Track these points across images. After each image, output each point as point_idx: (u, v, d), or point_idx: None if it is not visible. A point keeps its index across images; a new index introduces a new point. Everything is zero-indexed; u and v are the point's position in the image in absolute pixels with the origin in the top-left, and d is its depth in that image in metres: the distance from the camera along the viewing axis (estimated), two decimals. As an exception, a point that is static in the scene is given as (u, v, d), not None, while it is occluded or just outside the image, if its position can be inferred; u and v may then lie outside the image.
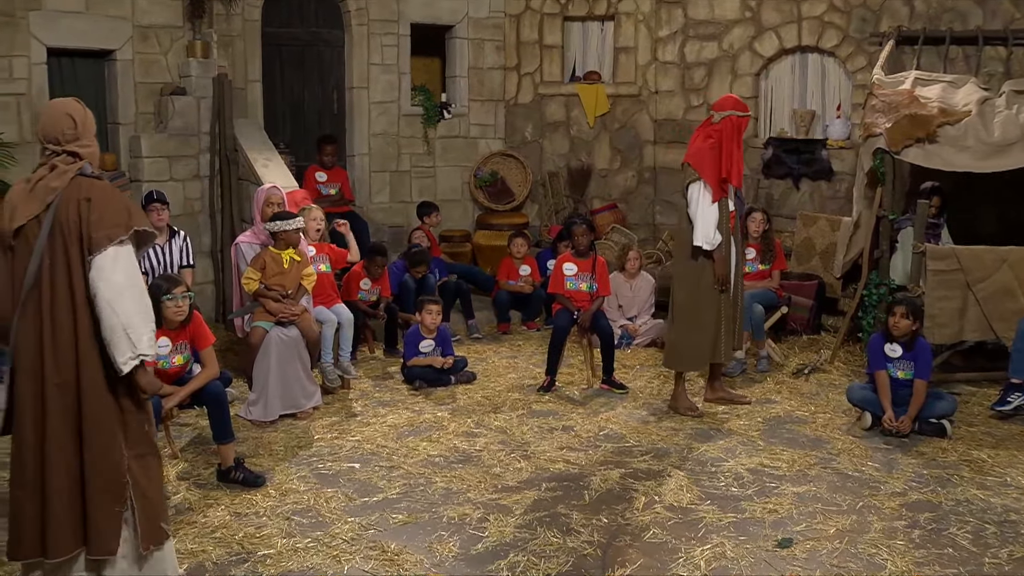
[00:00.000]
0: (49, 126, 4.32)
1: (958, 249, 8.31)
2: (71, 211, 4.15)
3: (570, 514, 5.77)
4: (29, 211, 4.20)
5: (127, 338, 4.11)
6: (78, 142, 4.30)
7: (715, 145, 7.43)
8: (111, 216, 4.16)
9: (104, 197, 4.21)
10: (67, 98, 4.53)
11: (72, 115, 4.32)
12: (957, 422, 7.47)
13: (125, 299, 4.13)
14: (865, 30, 11.57)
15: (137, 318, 4.15)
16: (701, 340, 7.65)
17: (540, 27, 13.03)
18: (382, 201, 12.38)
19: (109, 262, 4.12)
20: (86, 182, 4.23)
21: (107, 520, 4.25)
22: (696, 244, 7.42)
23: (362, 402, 8.07)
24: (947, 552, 5.32)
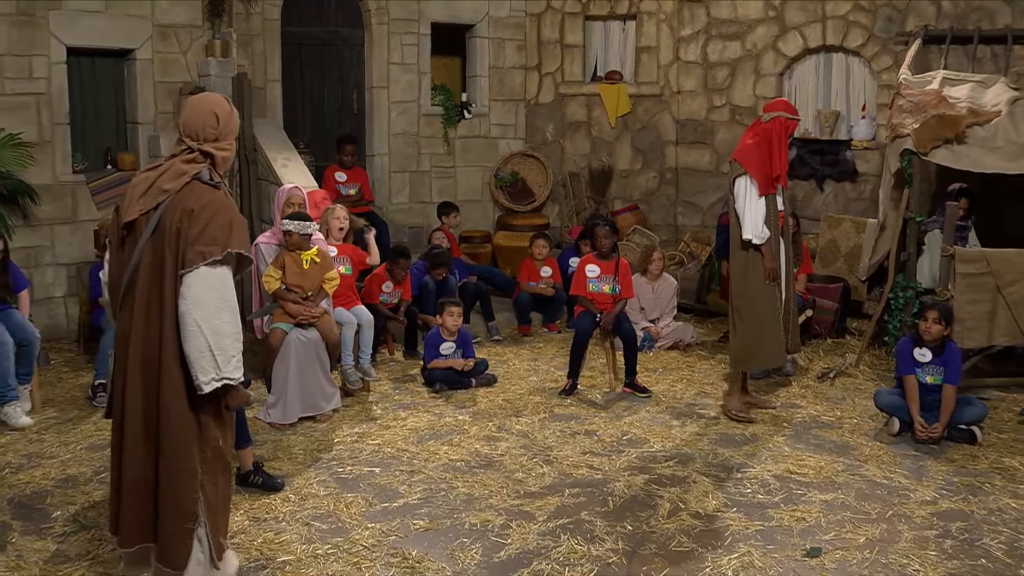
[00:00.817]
0: (192, 120, 4.25)
1: (988, 252, 8.18)
2: (176, 218, 4.08)
3: (594, 521, 5.67)
4: (141, 207, 4.17)
5: (213, 359, 4.06)
6: (216, 143, 4.25)
7: (762, 144, 7.37)
8: (210, 234, 4.06)
9: (208, 211, 4.09)
10: (217, 94, 4.44)
11: (217, 113, 4.26)
12: (987, 428, 7.33)
13: (215, 320, 4.05)
14: (891, 29, 11.43)
15: (227, 340, 4.09)
16: (767, 336, 7.54)
17: (561, 26, 12.93)
18: (402, 201, 12.30)
19: (200, 281, 4.05)
20: (198, 190, 4.14)
21: (177, 536, 4.24)
22: (745, 237, 7.35)
23: (382, 405, 7.99)
24: (981, 563, 5.20)
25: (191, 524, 4.24)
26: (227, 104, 4.33)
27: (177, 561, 4.26)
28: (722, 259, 10.33)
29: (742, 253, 7.48)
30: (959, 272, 8.05)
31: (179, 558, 4.27)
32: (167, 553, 4.27)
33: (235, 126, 4.33)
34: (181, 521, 4.23)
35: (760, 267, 7.44)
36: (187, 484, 4.21)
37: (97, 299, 8.37)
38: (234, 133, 4.33)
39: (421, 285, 9.76)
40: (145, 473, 4.25)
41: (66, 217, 9.80)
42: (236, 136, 4.37)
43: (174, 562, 4.26)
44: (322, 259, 7.77)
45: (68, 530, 5.52)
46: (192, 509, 4.23)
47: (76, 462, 6.60)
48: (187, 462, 4.21)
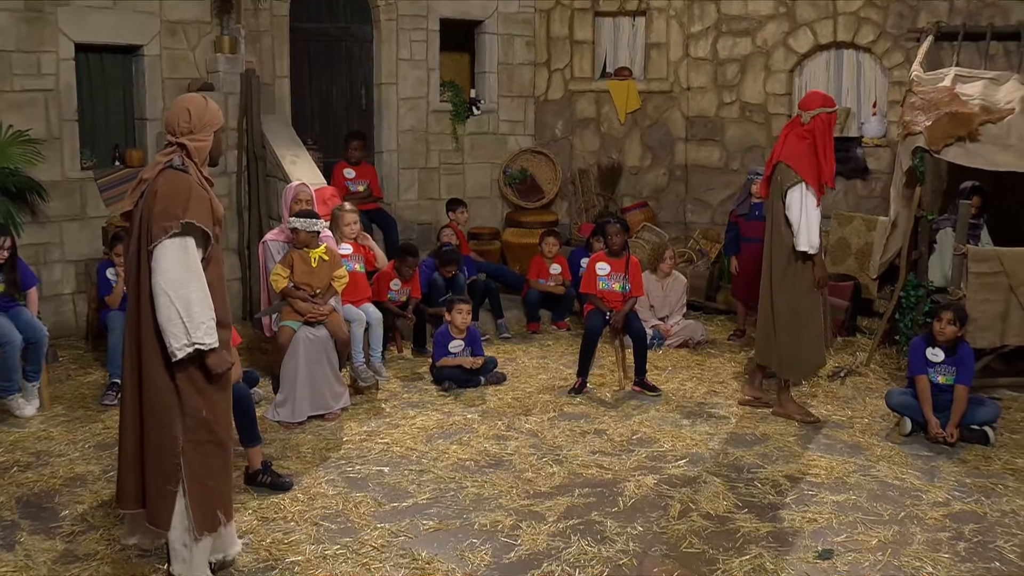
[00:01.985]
0: (170, 118, 4.60)
1: (1001, 251, 8.12)
2: (149, 202, 4.39)
3: (604, 522, 5.64)
4: (132, 200, 4.55)
5: (184, 327, 4.30)
6: (191, 135, 4.53)
7: (811, 146, 7.23)
8: (169, 209, 4.33)
9: (167, 190, 4.38)
10: (195, 94, 4.78)
11: (190, 109, 4.55)
12: (1000, 429, 7.29)
13: (182, 289, 4.31)
14: (902, 26, 11.39)
15: (196, 308, 4.33)
16: (814, 344, 7.49)
17: (571, 22, 12.88)
18: (410, 198, 12.26)
19: (165, 253, 4.32)
20: (167, 175, 4.43)
21: (159, 496, 4.50)
22: (801, 248, 7.20)
23: (391, 403, 7.96)
24: (994, 567, 5.16)
25: (173, 486, 4.48)
26: (202, 101, 4.64)
27: (160, 520, 4.52)
28: (731, 256, 10.30)
29: (789, 262, 7.34)
30: (972, 271, 7.99)
31: (162, 518, 4.52)
32: (153, 512, 4.54)
33: (211, 120, 4.61)
34: (162, 483, 4.49)
35: (808, 276, 7.34)
36: (167, 449, 4.46)
37: (104, 297, 8.35)
38: (211, 126, 4.61)
39: (430, 283, 9.74)
40: (134, 442, 4.55)
41: (74, 214, 9.78)
42: (217, 128, 4.64)
43: (158, 521, 4.53)
44: (331, 257, 7.75)
45: (76, 529, 5.51)
46: (173, 472, 4.48)
47: (84, 460, 6.58)
48: (167, 428, 4.46)
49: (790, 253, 7.30)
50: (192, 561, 4.60)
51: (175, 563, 4.61)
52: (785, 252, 7.33)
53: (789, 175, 7.22)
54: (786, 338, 7.46)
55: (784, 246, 7.32)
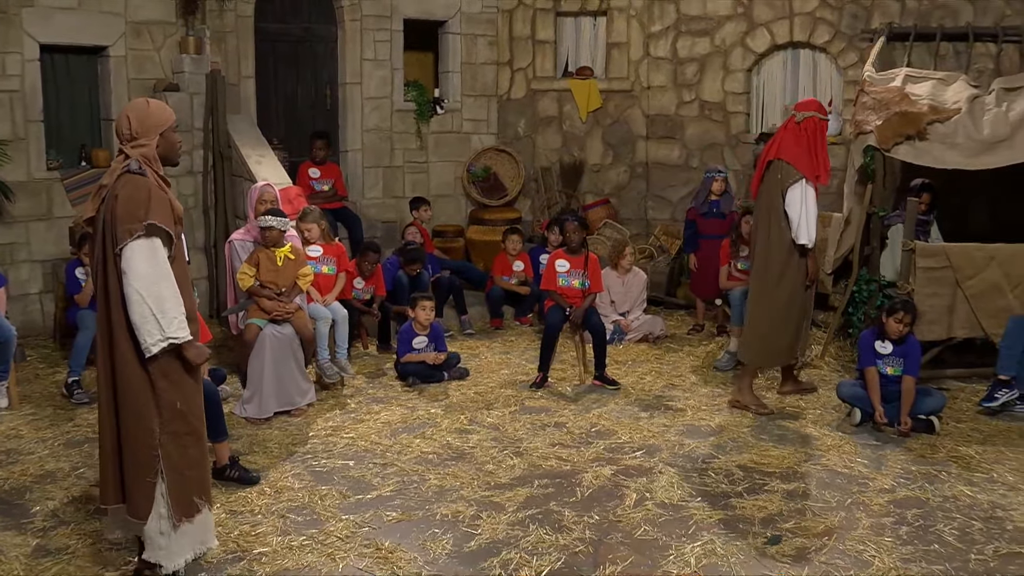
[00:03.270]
0: (116, 125, 4.74)
1: (948, 247, 8.37)
2: (110, 207, 4.51)
3: (562, 511, 5.83)
4: (94, 205, 4.66)
5: (157, 323, 4.45)
6: (134, 142, 4.64)
7: (808, 145, 7.55)
8: (131, 212, 4.46)
9: (128, 194, 4.50)
10: (141, 98, 4.89)
11: (130, 115, 4.66)
12: (946, 418, 7.56)
13: (154, 287, 4.46)
14: (856, 26, 11.65)
15: (167, 303, 4.49)
16: (791, 337, 7.80)
17: (533, 22, 13.06)
18: (375, 196, 12.41)
19: (133, 255, 4.45)
20: (124, 179, 4.54)
21: (139, 488, 4.65)
22: (802, 242, 7.51)
23: (356, 399, 8.12)
24: (933, 549, 5.39)
25: (151, 478, 4.64)
26: (143, 105, 4.73)
27: (140, 511, 4.67)
28: (691, 253, 10.51)
29: (790, 255, 7.60)
30: (919, 266, 8.23)
31: (142, 508, 4.67)
32: (132, 503, 4.69)
33: (155, 123, 4.67)
34: (141, 475, 4.65)
35: (801, 271, 7.63)
36: (144, 441, 4.61)
37: (73, 295, 8.46)
38: (157, 128, 4.67)
39: (395, 280, 9.89)
40: (112, 438, 4.67)
41: (41, 214, 9.85)
42: (164, 129, 4.70)
43: (137, 511, 4.68)
44: (296, 256, 7.89)
45: (48, 525, 5.63)
46: (151, 464, 4.63)
47: (54, 458, 6.70)
48: (143, 422, 4.61)
49: (790, 247, 7.58)
50: (170, 549, 4.74)
51: (151, 551, 4.75)
52: (785, 247, 7.59)
53: (790, 172, 7.51)
54: (765, 330, 7.76)
55: (784, 241, 7.59)
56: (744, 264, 9.41)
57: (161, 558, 4.75)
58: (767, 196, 7.70)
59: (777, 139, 7.75)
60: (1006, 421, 7.63)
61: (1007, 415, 7.75)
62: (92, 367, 8.30)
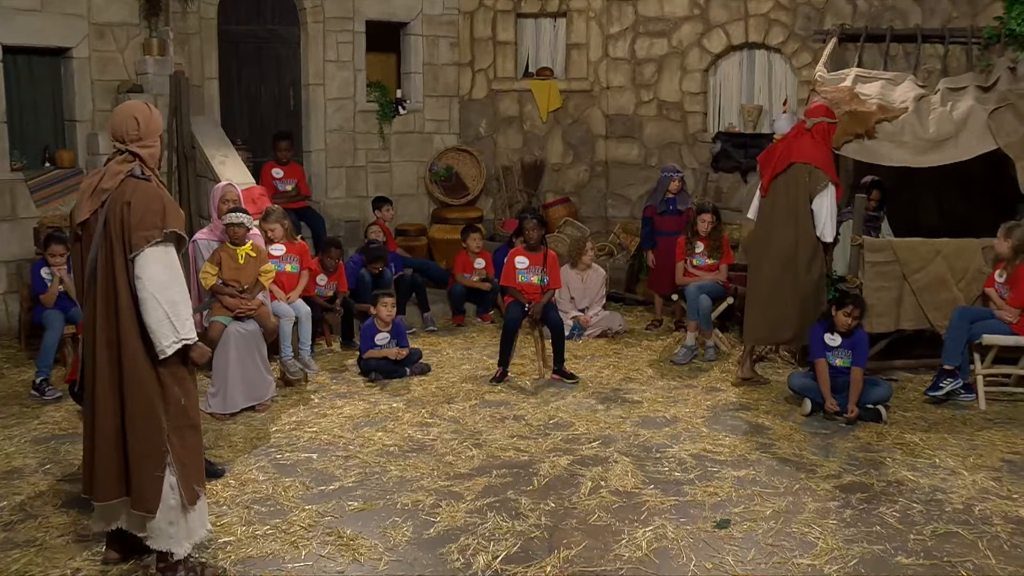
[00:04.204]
0: (117, 126, 4.82)
1: (894, 241, 8.62)
2: (117, 211, 4.63)
3: (519, 499, 6.01)
4: (90, 207, 4.74)
5: (171, 325, 4.61)
6: (140, 142, 4.78)
7: (829, 151, 8.26)
8: (148, 219, 4.60)
9: (143, 201, 4.63)
10: (137, 100, 5.04)
11: (137, 117, 4.79)
12: (893, 407, 7.80)
13: (168, 291, 4.62)
14: (810, 28, 11.93)
15: (180, 307, 4.66)
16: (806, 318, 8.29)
17: (493, 24, 13.24)
18: (338, 196, 12.55)
19: (149, 261, 4.59)
20: (132, 184, 4.67)
21: (149, 483, 4.77)
22: (827, 240, 8.35)
23: (320, 394, 8.26)
24: (875, 530, 5.61)
25: (160, 472, 4.77)
26: (146, 108, 4.88)
27: (150, 505, 4.78)
28: (648, 250, 10.70)
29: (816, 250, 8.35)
30: (867, 261, 8.47)
31: (151, 502, 4.78)
32: (141, 499, 4.78)
33: (156, 126, 4.87)
34: (151, 470, 4.76)
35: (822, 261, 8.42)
36: (154, 438, 4.75)
37: (39, 296, 8.54)
38: (157, 132, 4.87)
39: (358, 278, 10.03)
40: (116, 435, 4.78)
41: (5, 215, 9.92)
42: (160, 134, 4.91)
43: (147, 506, 4.77)
44: (258, 253, 8.03)
45: (15, 519, 5.72)
46: (161, 460, 4.77)
47: (21, 455, 6.78)
48: (153, 419, 4.74)
49: (816, 242, 8.32)
50: (178, 537, 4.88)
51: (158, 541, 4.86)
52: (812, 242, 8.32)
53: (820, 177, 8.20)
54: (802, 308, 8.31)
55: (810, 236, 8.29)
56: (699, 260, 9.64)
57: (172, 546, 4.88)
58: (790, 195, 8.33)
59: (792, 143, 8.36)
60: (951, 409, 7.89)
61: (952, 404, 8.00)
62: (59, 365, 8.45)
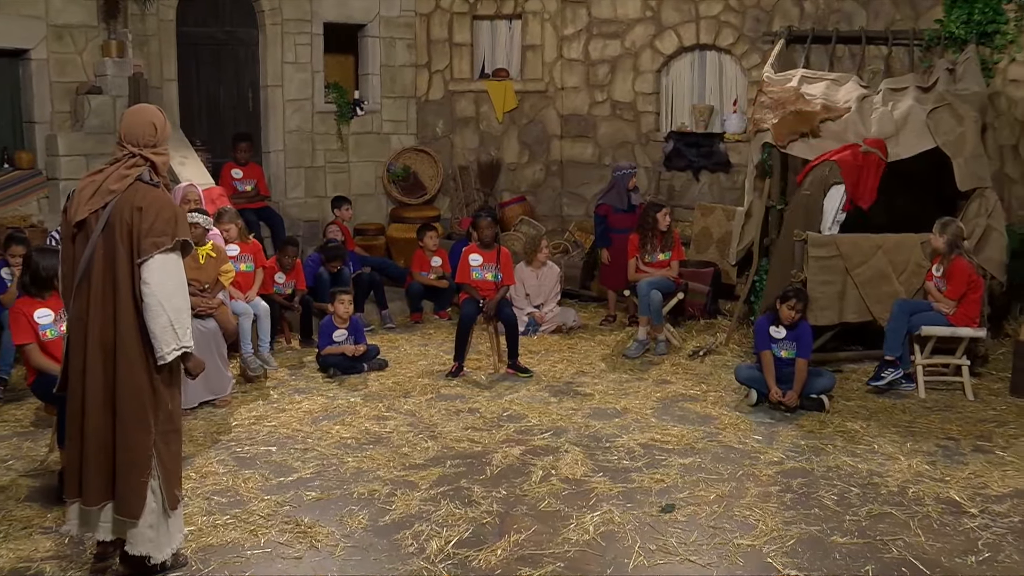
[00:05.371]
0: (133, 129, 4.85)
1: (837, 237, 8.88)
2: (124, 214, 4.69)
3: (472, 488, 6.21)
4: (91, 207, 4.75)
5: (174, 332, 4.70)
6: (154, 148, 4.85)
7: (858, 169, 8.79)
8: (159, 226, 4.67)
9: (155, 207, 4.71)
10: (152, 105, 5.10)
11: (155, 123, 4.87)
12: (836, 397, 8.08)
13: (174, 299, 4.71)
14: (759, 29, 12.20)
15: (183, 315, 4.77)
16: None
17: (450, 26, 13.43)
18: (297, 196, 12.70)
19: (157, 267, 4.67)
20: (142, 189, 4.73)
21: (133, 488, 4.83)
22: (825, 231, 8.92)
23: (279, 390, 8.42)
24: (813, 512, 5.86)
25: (145, 478, 4.84)
26: (161, 115, 4.95)
27: (134, 510, 4.83)
28: (604, 248, 10.90)
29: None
30: (811, 255, 8.74)
31: (136, 507, 4.83)
32: (125, 504, 4.84)
33: (169, 134, 4.97)
34: (137, 476, 4.81)
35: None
36: (142, 444, 4.81)
37: (-1, 296, 8.62)
38: (168, 139, 4.95)
39: (316, 276, 10.19)
40: (106, 438, 4.82)
41: (-35, 216, 9.99)
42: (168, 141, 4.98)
43: (131, 511, 4.83)
44: (217, 253, 8.18)
45: (-23, 513, 5.86)
46: (147, 465, 4.83)
47: (-18, 451, 6.92)
48: (143, 425, 4.80)
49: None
50: (159, 541, 4.95)
51: (138, 545, 4.90)
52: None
53: (837, 173, 8.74)
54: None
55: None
56: (651, 257, 9.86)
57: (151, 550, 4.93)
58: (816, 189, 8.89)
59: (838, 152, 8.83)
60: (891, 399, 8.16)
61: (893, 393, 8.27)
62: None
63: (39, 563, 5.20)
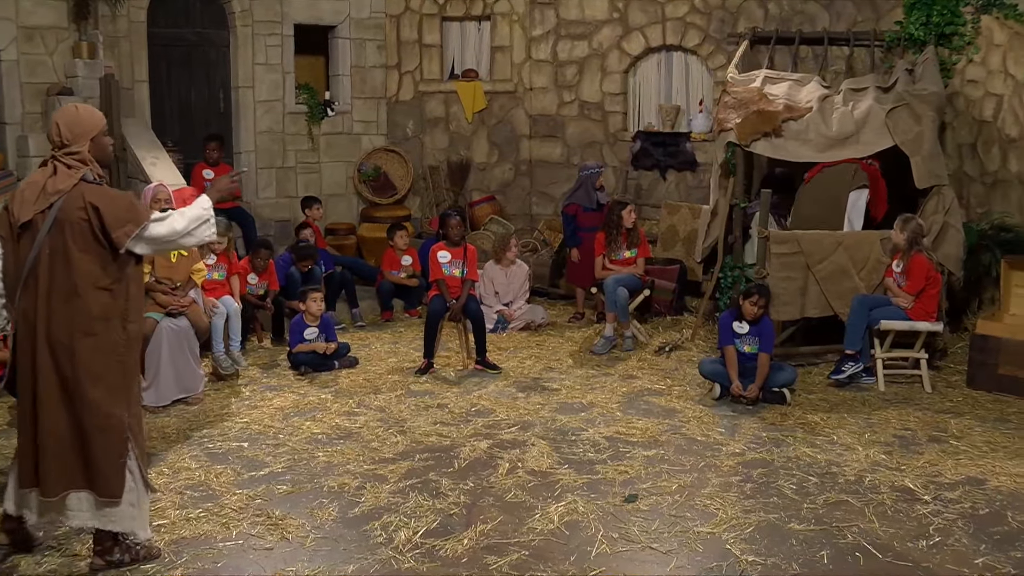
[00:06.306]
0: (48, 131, 5.02)
1: (798, 234, 9.07)
2: (75, 214, 4.79)
3: (440, 480, 6.35)
4: (36, 207, 4.83)
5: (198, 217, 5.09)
6: (65, 149, 4.91)
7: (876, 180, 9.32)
8: (122, 216, 4.84)
9: (109, 203, 4.84)
10: (71, 104, 5.16)
11: (59, 122, 4.93)
12: (798, 390, 8.27)
13: (177, 221, 5.02)
14: (724, 30, 12.38)
15: (196, 211, 5.11)
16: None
17: (420, 27, 13.56)
18: (269, 196, 12.79)
19: (143, 245, 4.93)
20: (90, 189, 4.83)
21: (114, 470, 4.93)
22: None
23: (251, 388, 8.52)
24: (772, 500, 6.04)
25: (124, 459, 4.95)
26: (72, 111, 4.99)
27: (115, 490, 4.93)
28: (573, 247, 11.04)
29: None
30: (773, 252, 8.92)
31: (117, 487, 4.94)
32: (107, 486, 4.92)
33: (85, 129, 4.94)
34: (115, 458, 4.92)
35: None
36: (115, 428, 4.92)
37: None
38: (88, 134, 4.94)
39: (287, 276, 10.28)
40: (68, 430, 4.89)
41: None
42: (95, 134, 4.98)
43: (112, 491, 4.93)
44: (189, 252, 8.27)
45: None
46: (124, 446, 4.95)
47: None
48: (116, 408, 4.91)
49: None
50: (141, 519, 5.09)
51: (121, 523, 5.02)
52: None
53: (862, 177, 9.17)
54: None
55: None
56: (617, 254, 10.02)
57: (135, 527, 5.07)
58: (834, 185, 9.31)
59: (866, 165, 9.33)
60: (852, 391, 8.36)
61: (854, 386, 8.48)
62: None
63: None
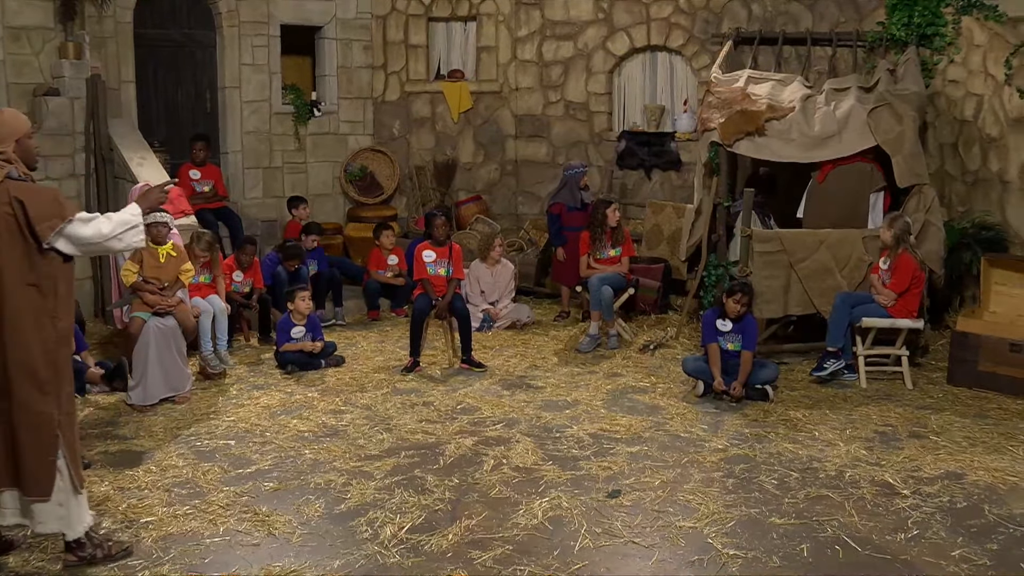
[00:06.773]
0: None
1: (781, 232, 9.16)
2: (1, 208, 4.84)
3: (425, 477, 6.42)
4: None
5: (124, 223, 5.12)
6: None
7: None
8: (46, 210, 4.90)
9: (33, 197, 4.92)
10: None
11: None
12: (780, 387, 8.35)
13: (103, 224, 5.05)
14: (708, 31, 12.49)
15: (125, 217, 5.15)
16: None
17: (406, 27, 13.61)
18: (255, 196, 12.83)
19: (65, 242, 4.96)
20: (15, 184, 4.91)
21: (42, 468, 5.00)
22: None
23: (238, 386, 8.57)
24: (754, 495, 6.12)
25: (53, 457, 5.01)
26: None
27: (44, 489, 5.00)
28: (559, 247, 11.10)
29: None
30: (756, 251, 9.00)
31: (46, 486, 5.01)
32: (35, 484, 5.00)
33: (9, 131, 5.01)
34: (45, 455, 4.99)
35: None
36: (46, 426, 4.98)
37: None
38: (10, 137, 5.00)
39: (274, 275, 10.33)
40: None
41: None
42: (19, 137, 5.04)
43: (41, 490, 5.00)
44: (178, 252, 8.33)
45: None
46: (54, 445, 5.00)
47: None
48: (45, 406, 4.97)
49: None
50: (70, 518, 5.12)
51: (49, 524, 5.09)
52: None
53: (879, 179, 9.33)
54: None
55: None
56: (602, 253, 10.08)
57: (64, 527, 5.12)
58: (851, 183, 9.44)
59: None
60: (834, 388, 8.45)
61: (836, 383, 8.57)
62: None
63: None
